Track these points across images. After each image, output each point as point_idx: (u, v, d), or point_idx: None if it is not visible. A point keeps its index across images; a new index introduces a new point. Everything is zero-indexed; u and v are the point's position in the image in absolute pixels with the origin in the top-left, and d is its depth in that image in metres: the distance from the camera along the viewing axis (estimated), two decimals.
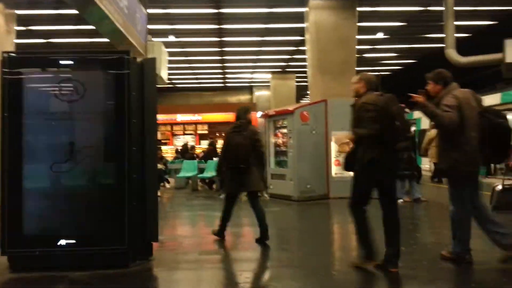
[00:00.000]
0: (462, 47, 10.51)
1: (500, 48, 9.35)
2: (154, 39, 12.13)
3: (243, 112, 5.50)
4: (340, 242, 5.85)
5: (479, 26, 15.72)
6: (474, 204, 4.13)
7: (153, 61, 4.68)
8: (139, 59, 4.59)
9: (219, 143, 21.08)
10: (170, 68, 23.17)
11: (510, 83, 13.91)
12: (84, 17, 5.82)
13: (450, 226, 4.20)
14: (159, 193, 6.75)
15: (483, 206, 4.21)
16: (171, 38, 16.23)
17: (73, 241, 4.18)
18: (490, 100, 14.23)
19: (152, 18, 13.88)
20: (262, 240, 5.29)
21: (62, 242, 4.16)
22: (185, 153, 15.70)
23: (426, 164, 14.51)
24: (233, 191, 5.49)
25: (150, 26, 14.46)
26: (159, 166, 10.70)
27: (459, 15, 11.51)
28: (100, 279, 3.97)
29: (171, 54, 18.23)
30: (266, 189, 10.54)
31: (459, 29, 12.01)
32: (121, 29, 6.20)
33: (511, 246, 4.01)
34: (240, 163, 5.16)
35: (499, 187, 7.04)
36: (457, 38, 10.30)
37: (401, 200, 8.79)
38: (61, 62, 4.37)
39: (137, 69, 4.45)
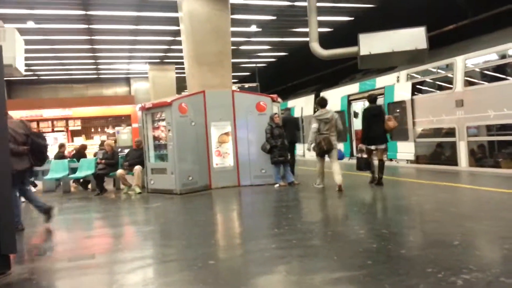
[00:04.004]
0: (325, 40, 11.43)
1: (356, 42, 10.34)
2: (8, 25, 10.72)
3: None
4: (219, 231, 5.99)
5: (339, 21, 17.38)
6: (25, 193, 6.44)
7: None
8: None
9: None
10: (32, 58, 20.93)
11: (367, 74, 15.64)
12: None
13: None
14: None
15: (30, 192, 6.70)
16: (31, 24, 14.58)
17: None
18: (351, 89, 15.93)
19: (5, 2, 12.27)
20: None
21: None
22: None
23: None
24: None
25: (3, 11, 12.78)
26: None
27: (322, 11, 12.53)
28: None
29: (32, 42, 16.40)
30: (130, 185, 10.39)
31: (322, 24, 13.10)
32: None
33: (45, 211, 6.49)
34: None
35: None
36: (320, 32, 11.17)
37: (277, 185, 9.37)
38: None
39: None
